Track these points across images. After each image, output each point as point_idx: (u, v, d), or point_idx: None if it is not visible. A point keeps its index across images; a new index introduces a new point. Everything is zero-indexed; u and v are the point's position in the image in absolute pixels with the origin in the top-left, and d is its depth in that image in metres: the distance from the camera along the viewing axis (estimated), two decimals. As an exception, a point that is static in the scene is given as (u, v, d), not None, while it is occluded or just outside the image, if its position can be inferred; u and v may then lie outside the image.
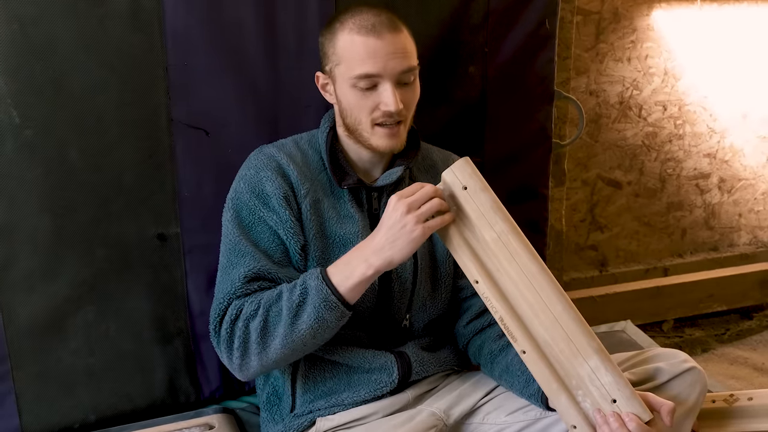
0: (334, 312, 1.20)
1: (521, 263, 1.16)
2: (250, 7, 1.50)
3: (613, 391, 1.13)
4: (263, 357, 1.24)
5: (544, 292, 1.15)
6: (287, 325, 1.21)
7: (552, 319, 1.15)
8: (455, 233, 1.19)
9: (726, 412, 1.51)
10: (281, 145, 1.39)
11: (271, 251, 1.30)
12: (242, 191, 1.33)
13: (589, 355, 1.14)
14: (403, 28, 1.30)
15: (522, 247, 1.16)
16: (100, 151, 1.47)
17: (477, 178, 1.17)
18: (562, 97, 1.86)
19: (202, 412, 1.60)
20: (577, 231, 2.49)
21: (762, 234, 2.78)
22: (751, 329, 2.62)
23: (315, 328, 1.21)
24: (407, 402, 1.34)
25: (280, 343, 1.22)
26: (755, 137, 2.64)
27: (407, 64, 1.28)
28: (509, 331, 1.17)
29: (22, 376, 1.50)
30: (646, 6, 2.33)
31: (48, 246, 1.46)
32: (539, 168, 1.86)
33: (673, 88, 2.45)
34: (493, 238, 1.17)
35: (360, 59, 1.26)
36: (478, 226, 1.17)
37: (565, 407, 1.16)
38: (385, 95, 1.26)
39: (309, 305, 1.20)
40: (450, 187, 1.18)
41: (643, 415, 1.12)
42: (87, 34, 1.41)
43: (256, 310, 1.23)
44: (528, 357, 1.17)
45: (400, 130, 1.31)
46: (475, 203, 1.17)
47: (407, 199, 1.16)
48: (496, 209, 1.17)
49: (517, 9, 1.72)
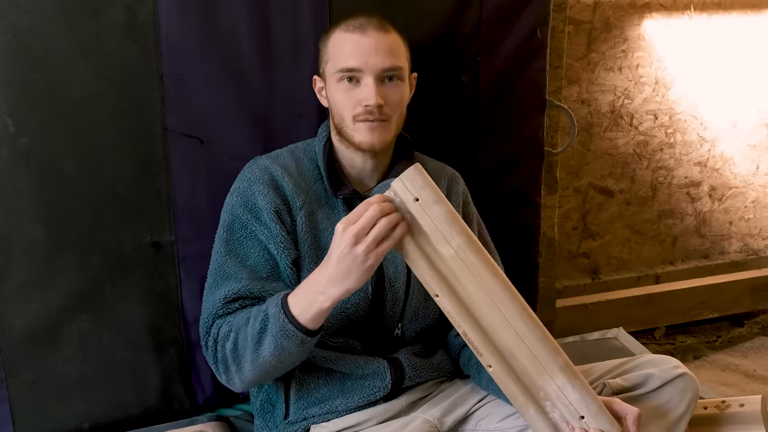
0: (293, 340, 1.18)
1: (481, 281, 1.11)
2: (245, 16, 1.51)
3: (581, 408, 1.13)
4: (242, 376, 1.27)
5: (505, 309, 1.12)
6: (252, 351, 1.22)
7: (515, 337, 1.12)
8: (412, 247, 1.13)
9: (717, 419, 1.52)
10: (276, 156, 1.40)
11: (259, 267, 1.31)
12: (235, 204, 1.34)
13: (555, 373, 1.13)
14: (393, 31, 1.33)
15: (481, 263, 1.11)
16: (95, 160, 1.47)
17: (429, 188, 1.10)
18: (554, 106, 1.87)
19: (196, 419, 1.60)
20: (570, 239, 2.50)
21: (752, 242, 2.79)
22: (743, 336, 2.63)
23: (277, 355, 1.21)
24: (401, 409, 1.34)
25: (251, 366, 1.24)
26: (745, 145, 2.66)
27: (390, 63, 1.30)
28: (474, 346, 1.15)
29: (17, 385, 1.49)
30: (637, 16, 2.35)
31: (43, 254, 1.47)
32: (531, 176, 1.87)
33: (663, 97, 2.47)
34: (451, 255, 1.11)
35: (344, 54, 1.29)
36: (434, 241, 1.11)
37: (534, 420, 1.16)
38: (365, 90, 1.29)
39: (269, 333, 1.20)
40: (401, 198, 1.11)
41: (611, 430, 1.13)
42: (82, 44, 1.42)
43: (227, 334, 1.26)
44: (494, 371, 1.16)
45: (383, 127, 1.31)
46: (429, 216, 1.10)
47: (353, 227, 1.09)
48: (452, 222, 1.10)
49: (510, 19, 1.73)
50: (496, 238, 1.54)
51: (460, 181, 1.51)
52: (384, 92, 1.30)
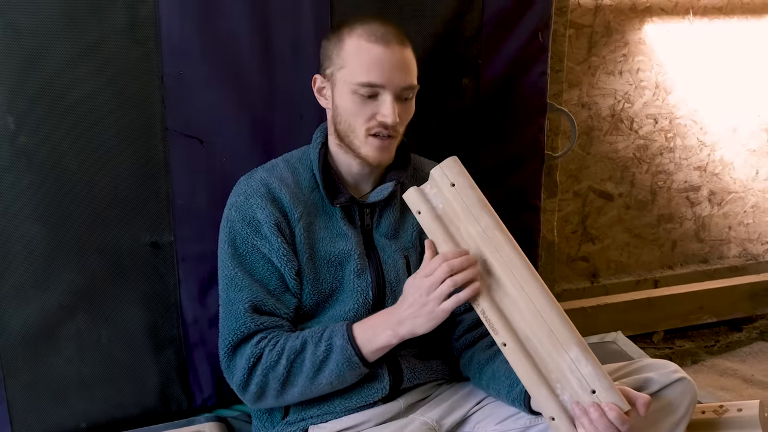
0: (355, 371, 1.26)
1: (505, 256, 1.19)
2: (246, 16, 1.51)
3: (593, 382, 1.14)
4: (279, 400, 1.30)
5: (527, 285, 1.18)
6: (308, 378, 1.26)
7: (534, 311, 1.17)
8: (439, 228, 1.22)
9: (716, 423, 1.52)
10: (272, 167, 1.39)
11: (266, 281, 1.32)
12: (234, 219, 1.34)
13: (570, 347, 1.16)
14: (408, 42, 1.31)
15: (506, 240, 1.20)
16: (95, 159, 1.47)
17: (465, 176, 1.22)
18: (555, 110, 1.87)
19: (194, 420, 1.60)
20: (569, 242, 2.51)
21: (751, 246, 2.80)
22: (741, 341, 2.63)
23: (334, 383, 1.27)
24: (399, 411, 1.34)
25: (299, 392, 1.28)
26: (745, 150, 2.66)
27: (410, 81, 1.29)
28: (490, 324, 1.19)
29: (14, 385, 1.49)
30: (638, 20, 2.35)
31: (41, 253, 1.46)
32: (532, 179, 1.87)
33: (664, 101, 2.47)
34: (479, 232, 1.20)
35: (366, 67, 1.26)
36: (463, 221, 1.21)
37: (544, 399, 1.17)
38: (385, 107, 1.27)
39: (332, 362, 1.25)
40: (438, 183, 1.22)
41: (623, 405, 1.13)
42: (83, 43, 1.42)
43: (277, 360, 1.26)
44: (508, 349, 1.18)
45: (392, 144, 1.32)
46: (463, 200, 1.21)
47: (427, 280, 1.18)
48: (483, 206, 1.21)
49: (511, 22, 1.73)
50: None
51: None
52: (400, 110, 1.29)
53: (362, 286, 1.34)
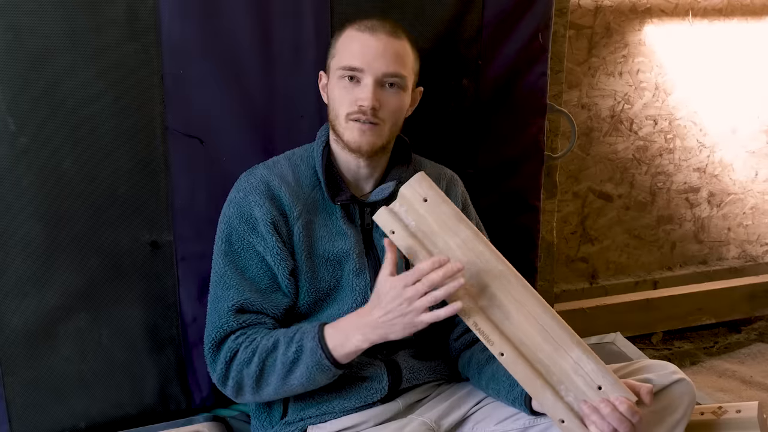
0: (326, 374, 1.25)
1: (489, 266, 1.19)
2: (246, 16, 1.51)
3: (598, 378, 1.15)
4: (256, 397, 1.31)
5: (516, 292, 1.18)
6: (280, 378, 1.26)
7: (527, 317, 1.17)
8: (416, 245, 1.19)
9: (714, 425, 1.52)
10: (273, 164, 1.39)
11: (258, 279, 1.32)
12: (232, 215, 1.34)
13: (571, 348, 1.16)
14: (405, 39, 1.33)
15: (488, 250, 1.19)
16: (95, 159, 1.47)
17: (436, 190, 1.21)
18: (555, 111, 1.87)
19: (192, 419, 1.60)
20: (568, 243, 2.51)
21: (750, 248, 2.80)
22: (740, 342, 2.63)
23: (306, 384, 1.26)
24: (398, 411, 1.35)
25: (273, 391, 1.28)
26: (744, 152, 2.66)
27: (393, 69, 1.30)
28: (485, 335, 1.18)
29: (13, 383, 1.49)
30: (638, 21, 2.35)
31: (41, 253, 1.46)
32: (531, 180, 1.87)
33: (663, 102, 2.47)
34: (458, 244, 1.19)
35: (350, 52, 1.30)
36: (440, 235, 1.20)
37: (551, 402, 1.17)
38: (363, 90, 1.29)
39: (302, 364, 1.24)
40: (409, 200, 1.20)
41: (631, 398, 1.14)
42: (83, 43, 1.42)
43: (250, 358, 1.27)
44: (506, 359, 1.18)
45: (373, 130, 1.31)
46: (437, 214, 1.20)
47: (410, 289, 1.14)
48: (459, 218, 1.20)
49: (511, 23, 1.73)
50: (495, 241, 1.53)
51: (458, 183, 1.51)
52: (382, 96, 1.30)
53: (360, 285, 1.34)
